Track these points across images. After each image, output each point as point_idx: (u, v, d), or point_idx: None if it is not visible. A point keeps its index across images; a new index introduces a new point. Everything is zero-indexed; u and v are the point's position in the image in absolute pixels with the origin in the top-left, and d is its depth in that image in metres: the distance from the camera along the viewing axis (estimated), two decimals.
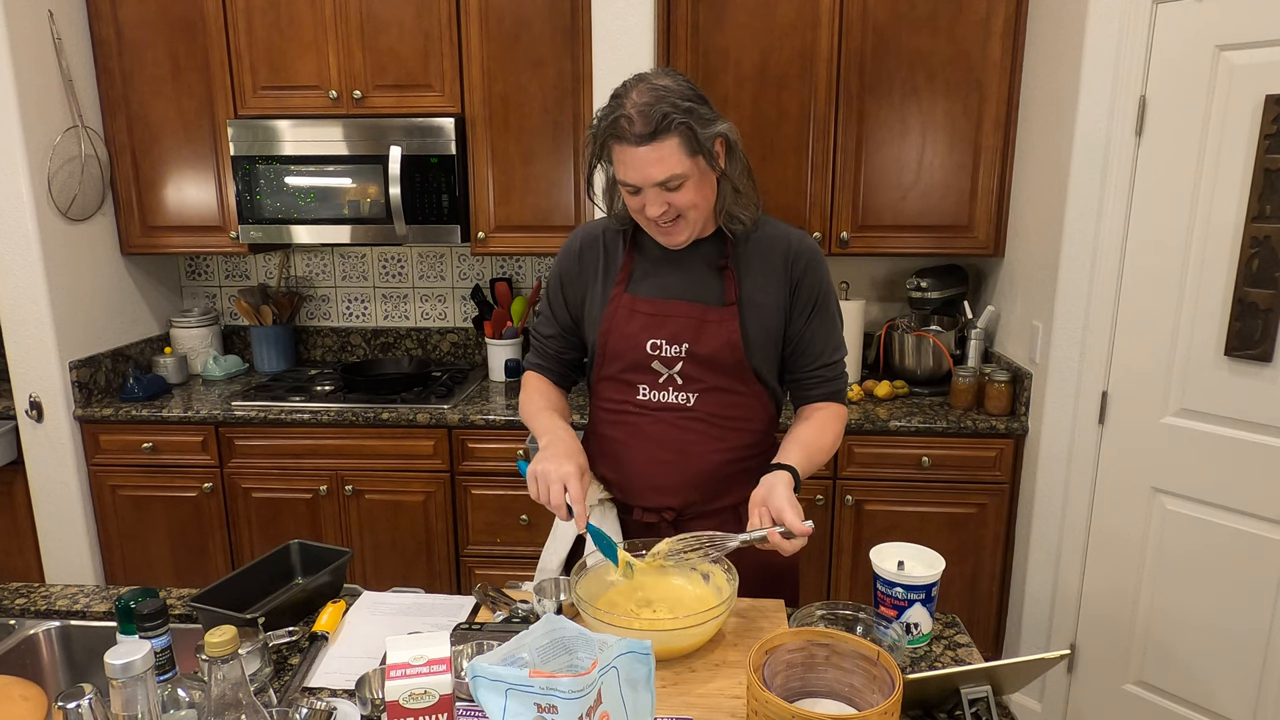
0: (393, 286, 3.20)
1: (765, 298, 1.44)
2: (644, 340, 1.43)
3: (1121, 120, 2.14)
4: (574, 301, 1.53)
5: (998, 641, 2.64)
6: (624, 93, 1.30)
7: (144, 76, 2.71)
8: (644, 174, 1.30)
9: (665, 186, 1.31)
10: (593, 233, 1.52)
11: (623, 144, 1.29)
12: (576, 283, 1.52)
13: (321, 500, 2.67)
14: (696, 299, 1.43)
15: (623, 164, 1.31)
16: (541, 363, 1.60)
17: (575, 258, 1.52)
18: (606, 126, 1.30)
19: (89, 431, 2.68)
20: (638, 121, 1.26)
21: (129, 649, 0.84)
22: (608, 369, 1.49)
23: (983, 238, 2.64)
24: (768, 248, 1.45)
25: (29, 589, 1.54)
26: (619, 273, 1.47)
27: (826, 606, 1.31)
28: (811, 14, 2.53)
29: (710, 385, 1.44)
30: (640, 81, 1.30)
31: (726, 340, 1.41)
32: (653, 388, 1.45)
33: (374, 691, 1.14)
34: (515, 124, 2.66)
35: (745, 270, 1.44)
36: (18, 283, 2.55)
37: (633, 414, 1.47)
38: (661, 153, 1.28)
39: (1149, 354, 2.17)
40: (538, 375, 1.60)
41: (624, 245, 1.49)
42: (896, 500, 2.55)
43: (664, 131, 1.26)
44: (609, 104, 1.31)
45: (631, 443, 1.47)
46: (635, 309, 1.44)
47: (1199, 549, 2.13)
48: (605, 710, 0.94)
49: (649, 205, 1.33)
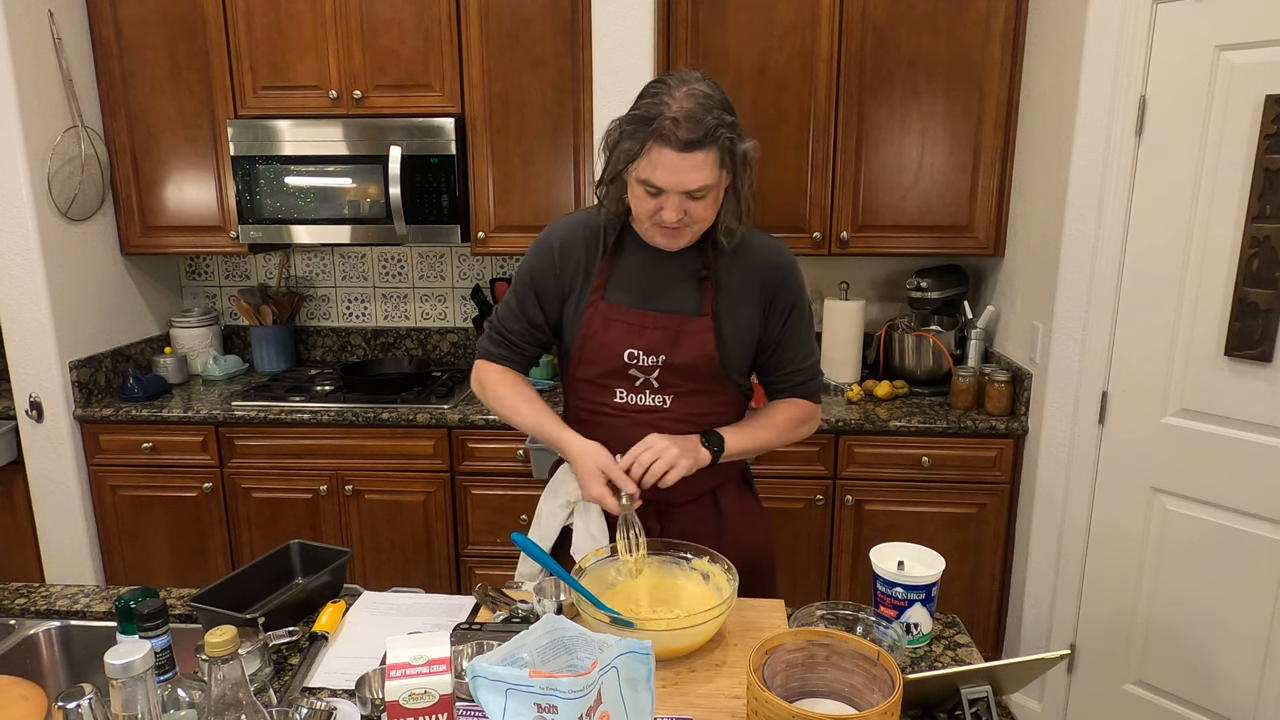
0: (393, 286, 3.20)
1: (742, 308, 1.44)
2: (621, 349, 1.43)
3: (1121, 120, 2.14)
4: (548, 299, 1.50)
5: (998, 641, 2.64)
6: (665, 93, 1.27)
7: (144, 76, 2.71)
8: (677, 180, 1.28)
9: (690, 195, 1.30)
10: (571, 230, 1.48)
11: (664, 147, 1.26)
12: (552, 282, 1.49)
13: (321, 500, 2.67)
14: (673, 308, 1.43)
15: (656, 166, 1.28)
16: (506, 354, 1.55)
17: (552, 256, 1.48)
18: (652, 126, 1.26)
19: (89, 431, 2.68)
20: (684, 126, 1.24)
21: (129, 649, 0.84)
22: (583, 372, 1.48)
23: (983, 238, 2.65)
24: (746, 258, 1.44)
25: (29, 589, 1.54)
26: (597, 276, 1.46)
27: (826, 606, 1.31)
28: (811, 14, 2.53)
29: (686, 389, 1.45)
30: (682, 84, 1.27)
31: (702, 351, 1.42)
32: (629, 391, 1.46)
33: (374, 691, 1.14)
34: (515, 124, 2.66)
35: (724, 279, 1.44)
36: (18, 283, 2.55)
37: (609, 415, 1.48)
38: (700, 162, 1.26)
39: (1149, 354, 2.17)
40: (502, 369, 1.54)
41: (603, 245, 1.46)
42: (896, 500, 2.55)
43: (708, 142, 1.25)
44: (648, 102, 1.28)
45: (611, 443, 1.45)
46: (612, 317, 1.44)
47: (1199, 549, 2.13)
48: (605, 710, 0.94)
49: (667, 210, 1.31)
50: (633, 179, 1.33)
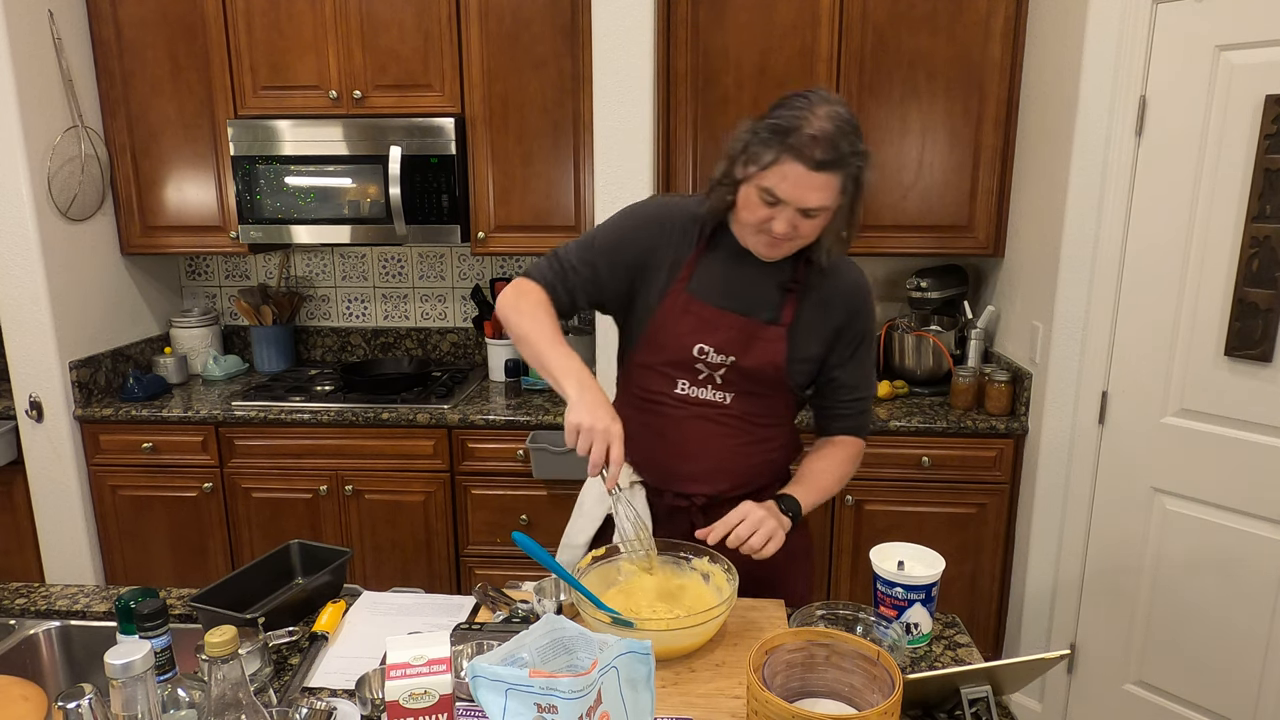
0: (393, 286, 3.20)
1: (817, 325, 1.46)
2: (692, 343, 1.44)
3: (1121, 120, 2.14)
4: (620, 268, 1.46)
5: (998, 641, 2.64)
6: (807, 108, 1.26)
7: (144, 76, 2.71)
8: (800, 196, 1.27)
9: (805, 212, 1.29)
10: (672, 213, 1.47)
11: (795, 161, 1.25)
12: (636, 254, 1.45)
13: (321, 500, 2.67)
14: (750, 313, 1.43)
15: (783, 178, 1.27)
16: (557, 286, 1.46)
17: (648, 230, 1.46)
18: (789, 139, 1.25)
19: (89, 431, 2.68)
20: (821, 146, 1.24)
21: (129, 649, 0.84)
22: (649, 357, 1.48)
23: (983, 238, 2.64)
24: (832, 278, 1.45)
25: (29, 589, 1.54)
26: (684, 267, 1.45)
27: (826, 606, 1.31)
28: (811, 14, 2.53)
29: (747, 390, 1.46)
30: (824, 103, 1.27)
31: (772, 359, 1.43)
32: (692, 384, 1.46)
33: (374, 691, 1.14)
34: (515, 124, 2.66)
35: (806, 295, 1.45)
36: (18, 283, 2.55)
37: (669, 406, 1.48)
38: (825, 183, 1.26)
39: (1149, 354, 2.16)
40: (545, 294, 1.44)
41: (699, 238, 1.45)
42: (896, 500, 2.54)
43: (839, 166, 1.25)
44: (788, 114, 1.27)
45: (667, 432, 1.48)
46: (690, 310, 1.43)
47: (1199, 549, 2.13)
48: (605, 710, 0.94)
49: (778, 221, 1.31)
50: (752, 184, 1.31)
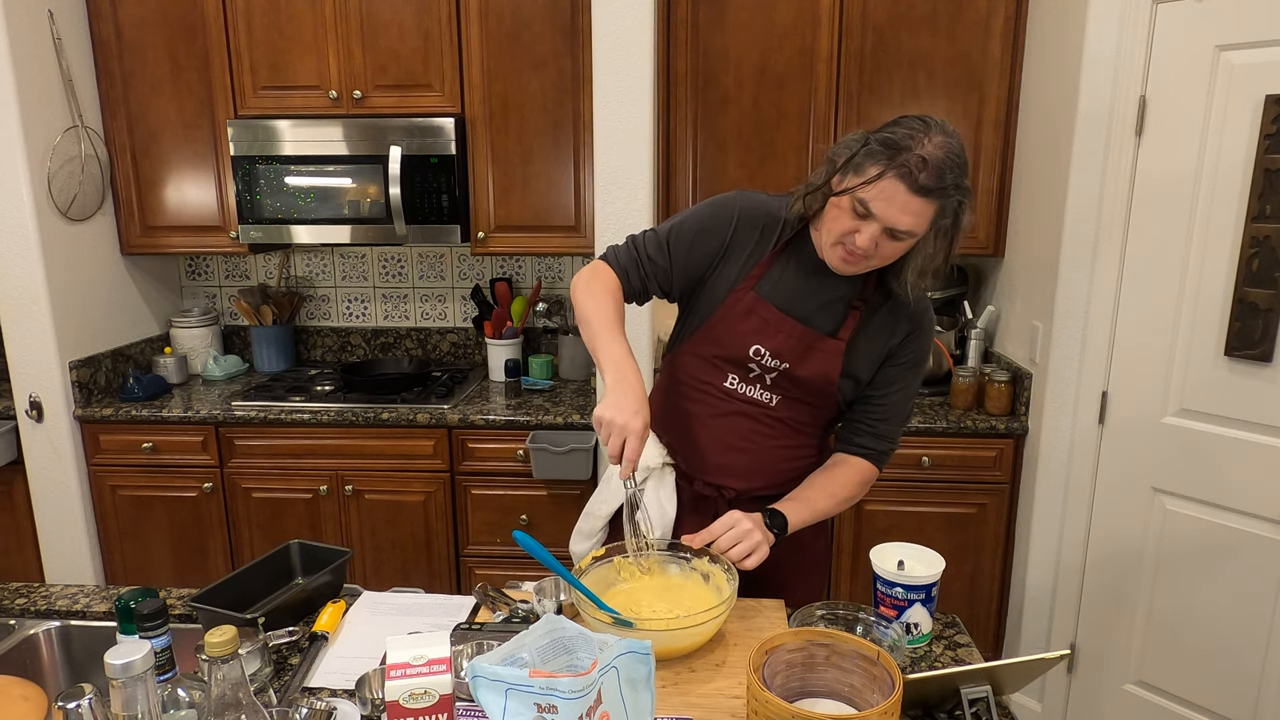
0: (393, 286, 3.20)
1: (875, 344, 1.46)
2: (750, 343, 1.44)
3: (1121, 120, 2.14)
4: (697, 258, 1.46)
5: (998, 641, 2.64)
6: (922, 130, 1.24)
7: (144, 76, 2.71)
8: (893, 216, 1.26)
9: (892, 233, 1.28)
10: (755, 209, 1.45)
11: (899, 180, 1.23)
12: (714, 246, 1.45)
13: (321, 500, 2.67)
14: (811, 323, 1.43)
15: (880, 195, 1.25)
16: (630, 272, 1.47)
17: (730, 223, 1.45)
18: (898, 157, 1.23)
19: (89, 431, 2.68)
20: (928, 171, 1.22)
21: (129, 649, 0.84)
22: (703, 348, 1.48)
23: (983, 238, 2.64)
24: (898, 301, 1.44)
25: (29, 589, 1.54)
26: (758, 266, 1.44)
27: (826, 606, 1.31)
28: (811, 14, 2.53)
29: (794, 396, 1.47)
30: (940, 132, 1.25)
31: (825, 372, 1.44)
32: (742, 380, 1.47)
33: (374, 691, 1.14)
34: (515, 124, 2.66)
35: (870, 314, 1.45)
36: (18, 283, 2.55)
37: (715, 397, 1.49)
38: (921, 209, 1.25)
39: (1149, 354, 2.17)
40: (616, 280, 1.46)
41: (778, 239, 1.45)
42: (896, 500, 2.54)
43: (939, 195, 1.24)
44: (902, 132, 1.25)
45: (709, 422, 1.48)
46: (754, 310, 1.43)
47: (1199, 549, 2.13)
48: (605, 710, 0.94)
49: (862, 235, 1.29)
50: (848, 196, 1.29)
